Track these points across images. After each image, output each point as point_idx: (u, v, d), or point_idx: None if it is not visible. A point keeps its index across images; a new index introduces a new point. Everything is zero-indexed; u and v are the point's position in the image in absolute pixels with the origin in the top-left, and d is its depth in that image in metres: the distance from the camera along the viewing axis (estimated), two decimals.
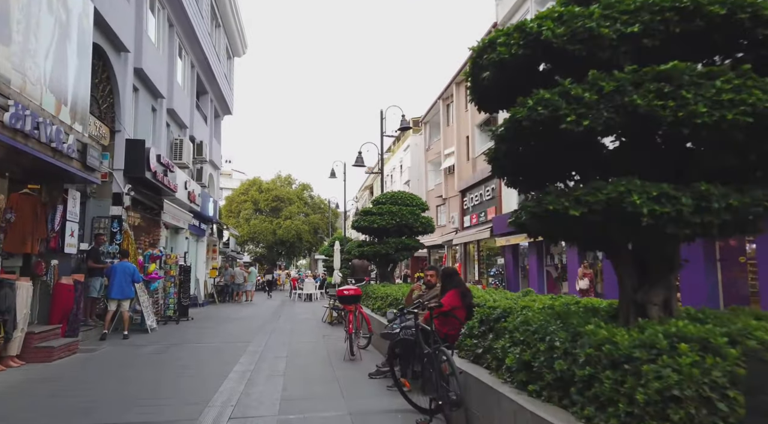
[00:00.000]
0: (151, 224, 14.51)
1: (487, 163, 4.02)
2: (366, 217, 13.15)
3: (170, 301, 13.47)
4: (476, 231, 23.58)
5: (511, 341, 3.57)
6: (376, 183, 59.33)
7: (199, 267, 21.53)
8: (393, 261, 13.43)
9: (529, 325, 3.42)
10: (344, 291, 7.95)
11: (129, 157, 12.05)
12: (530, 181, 3.87)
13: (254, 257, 48.85)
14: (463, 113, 28.07)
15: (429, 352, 4.29)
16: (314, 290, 25.11)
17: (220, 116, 25.42)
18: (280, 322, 13.89)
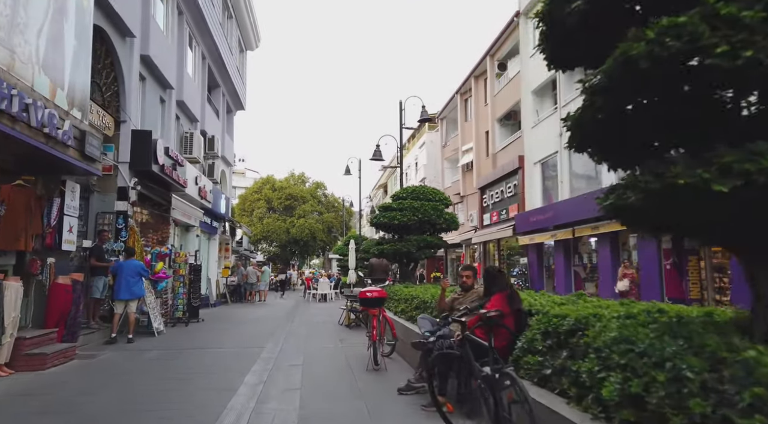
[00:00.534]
0: (160, 220, 13.82)
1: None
2: (386, 212, 12.32)
3: (179, 302, 12.77)
4: (497, 229, 22.65)
5: (602, 363, 2.71)
6: (390, 181, 58.56)
7: (210, 266, 20.88)
8: (415, 260, 12.60)
9: (631, 343, 2.56)
10: (367, 293, 7.13)
11: (135, 150, 11.36)
12: (628, 152, 2.97)
13: (268, 256, 48.31)
14: (482, 108, 27.13)
15: (488, 375, 3.44)
16: (329, 290, 24.36)
17: (233, 111, 24.77)
18: (294, 324, 13.12)
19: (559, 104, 18.26)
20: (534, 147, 20.35)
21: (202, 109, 18.01)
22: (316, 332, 11.60)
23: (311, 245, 43.52)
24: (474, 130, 27.83)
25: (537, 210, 19.13)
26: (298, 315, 16.07)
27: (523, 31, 21.36)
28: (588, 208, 15.19)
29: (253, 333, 11.38)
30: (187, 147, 15.79)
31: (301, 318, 15.02)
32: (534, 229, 18.92)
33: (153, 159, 11.52)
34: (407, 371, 6.81)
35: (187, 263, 13.32)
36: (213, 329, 12.04)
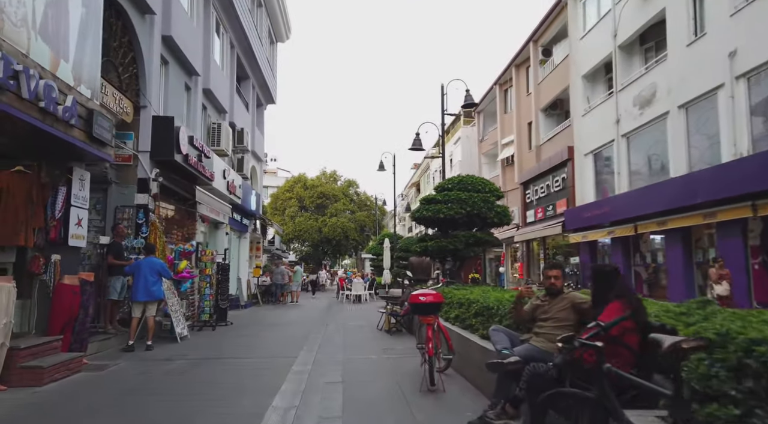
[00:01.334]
0: (185, 216, 12.90)
1: None
2: (429, 206, 11.05)
3: (205, 304, 11.79)
4: (543, 227, 21.07)
5: None
6: (423, 179, 57.16)
7: (241, 266, 20.01)
8: (462, 258, 11.28)
9: None
10: (419, 297, 5.86)
11: (156, 138, 10.42)
12: None
13: (300, 255, 47.62)
14: (524, 97, 25.54)
15: None
16: (363, 291, 23.19)
17: (263, 105, 23.91)
18: (329, 329, 11.98)
19: (616, 88, 16.64)
20: (585, 137, 18.73)
21: (230, 100, 17.11)
22: (353, 338, 10.42)
23: (343, 244, 42.53)
24: (515, 122, 26.27)
25: (590, 205, 17.53)
26: (332, 318, 14.95)
27: (572, 12, 19.75)
28: (653, 202, 13.59)
29: (284, 339, 10.28)
30: (214, 139, 14.86)
31: (336, 322, 13.89)
32: (587, 225, 17.33)
33: (176, 148, 10.55)
34: (470, 392, 5.53)
35: (214, 262, 12.35)
36: (241, 335, 11.00)
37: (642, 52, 16.41)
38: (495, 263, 30.98)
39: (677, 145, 13.61)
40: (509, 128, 27.48)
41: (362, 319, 14.55)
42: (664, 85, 14.15)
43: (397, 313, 11.15)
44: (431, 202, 11.19)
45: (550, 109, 23.09)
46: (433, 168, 48.68)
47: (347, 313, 16.99)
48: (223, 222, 16.45)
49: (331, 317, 15.19)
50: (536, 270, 24.55)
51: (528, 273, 24.69)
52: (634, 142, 15.95)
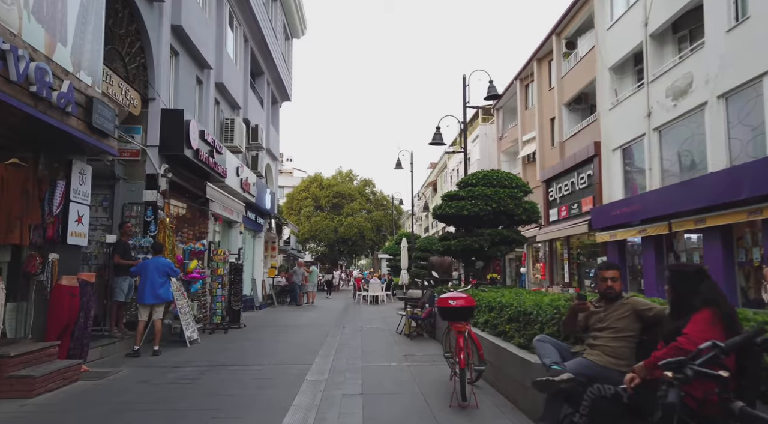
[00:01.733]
0: (197, 214, 12.42)
1: None
2: (452, 202, 10.39)
3: (217, 305, 11.28)
4: (567, 225, 20.24)
5: None
6: (440, 179, 56.41)
7: (256, 266, 19.56)
8: (487, 258, 10.61)
9: None
10: (449, 301, 5.21)
11: (165, 131, 9.93)
12: None
13: (316, 256, 47.21)
14: (547, 92, 24.72)
15: None
16: (380, 291, 22.57)
17: (278, 102, 23.44)
18: (346, 332, 11.40)
19: (647, 79, 15.79)
20: (613, 131, 17.89)
21: (244, 96, 16.64)
22: (372, 342, 9.81)
23: (360, 244, 41.99)
24: (536, 117, 25.45)
25: (619, 202, 16.69)
26: (349, 320, 14.37)
27: (599, 2, 18.90)
28: (690, 198, 12.76)
29: (299, 343, 9.72)
30: (227, 135, 14.38)
31: (353, 324, 13.30)
32: (615, 224, 16.49)
33: (186, 142, 10.06)
34: (507, 409, 4.89)
35: (226, 262, 11.84)
36: (253, 338, 10.46)
37: (675, 41, 15.55)
38: (515, 263, 30.13)
39: (716, 137, 12.76)
40: (530, 124, 26.67)
41: (380, 321, 13.94)
42: (701, 75, 13.29)
43: (417, 316, 10.53)
44: (454, 199, 10.53)
45: (574, 103, 22.25)
46: (450, 167, 47.92)
47: (364, 315, 16.40)
48: (237, 221, 15.98)
49: (348, 319, 14.62)
50: (560, 270, 23.70)
51: (551, 274, 23.86)
52: (666, 135, 15.09)
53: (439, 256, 13.16)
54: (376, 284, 22.80)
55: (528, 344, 5.06)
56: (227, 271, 12.11)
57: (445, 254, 10.99)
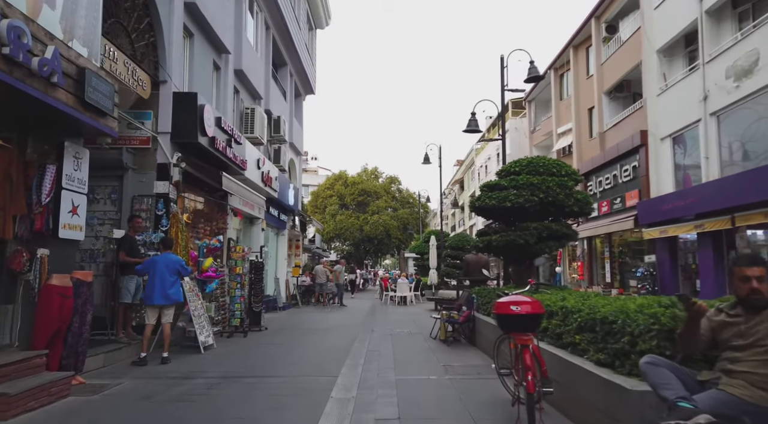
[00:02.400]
0: (214, 209, 11.61)
1: None
2: (493, 193, 9.29)
3: (236, 307, 10.42)
4: (610, 221, 18.85)
5: None
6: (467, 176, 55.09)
7: (279, 265, 18.76)
8: (533, 256, 9.48)
9: None
10: (510, 306, 4.13)
11: (177, 117, 9.11)
12: None
13: (341, 255, 46.46)
14: (584, 81, 23.31)
15: None
16: (409, 291, 21.51)
17: (302, 95, 22.61)
18: (375, 337, 10.42)
19: (702, 60, 14.37)
20: (662, 118, 16.48)
21: (266, 85, 15.81)
22: (405, 350, 8.79)
23: (385, 243, 41.01)
24: (573, 108, 24.06)
25: (670, 195, 15.31)
26: (377, 323, 13.39)
27: None
28: (759, 189, 11.38)
29: (324, 349, 8.77)
30: (247, 125, 13.56)
31: (382, 327, 12.31)
32: (666, 219, 15.12)
33: (200, 129, 9.21)
34: None
35: (245, 260, 10.98)
36: (274, 343, 9.56)
37: (734, 17, 14.09)
38: (549, 262, 28.67)
39: None
40: (566, 116, 25.28)
41: (411, 324, 12.92)
42: None
43: (454, 320, 9.47)
44: (494, 189, 9.42)
45: (615, 91, 20.81)
46: (478, 163, 46.60)
47: (393, 316, 15.40)
48: (259, 217, 15.17)
49: (376, 322, 13.63)
50: (599, 270, 22.29)
51: (590, 273, 22.46)
52: (726, 120, 13.67)
53: (474, 253, 12.09)
54: (404, 284, 21.76)
55: (611, 362, 3.98)
56: (247, 269, 11.26)
57: (485, 251, 9.90)
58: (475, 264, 11.81)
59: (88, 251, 8.65)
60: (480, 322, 8.88)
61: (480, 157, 45.97)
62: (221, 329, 10.22)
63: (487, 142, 43.30)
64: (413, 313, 16.76)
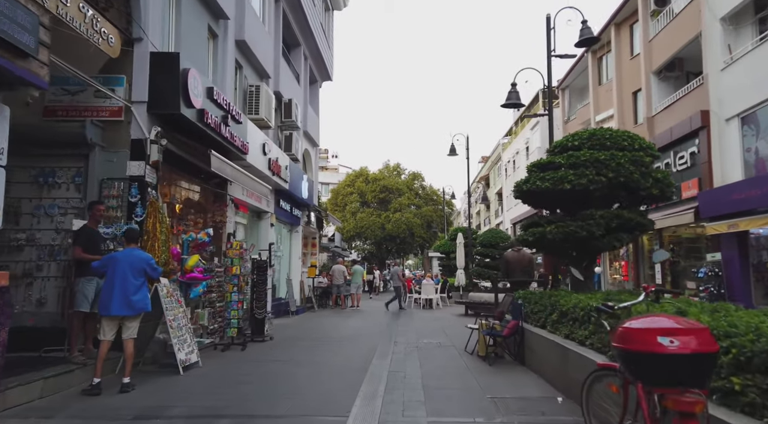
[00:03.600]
0: (210, 198, 9.97)
1: None
2: (547, 173, 7.41)
3: (232, 314, 8.74)
4: (662, 215, 16.64)
5: None
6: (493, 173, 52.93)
7: (293, 264, 17.11)
8: (597, 251, 7.59)
9: None
10: (658, 338, 2.20)
11: (156, 83, 7.46)
12: None
13: (363, 255, 44.76)
14: (628, 62, 21.13)
15: None
16: (435, 294, 19.62)
17: (317, 82, 20.94)
18: (399, 350, 8.63)
19: None
20: (727, 96, 14.30)
21: (275, 64, 14.15)
22: (436, 370, 6.98)
23: (408, 241, 39.11)
24: (615, 92, 21.88)
25: (741, 184, 13.16)
26: (401, 331, 11.60)
27: None
28: None
29: (335, 370, 7.02)
30: (251, 105, 11.91)
31: (407, 337, 10.51)
32: (736, 211, 12.96)
33: (183, 98, 7.54)
34: None
35: (245, 258, 9.29)
36: (276, 359, 7.85)
37: None
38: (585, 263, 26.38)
39: None
40: (606, 101, 23.10)
41: (440, 333, 11.08)
42: None
43: (496, 332, 7.61)
44: (547, 168, 7.54)
45: (666, 70, 18.60)
46: (505, 158, 44.44)
47: (419, 322, 13.58)
48: (267, 211, 13.52)
49: (400, 330, 11.83)
50: (647, 270, 20.08)
51: (635, 274, 20.27)
52: None
53: (515, 250, 10.20)
54: (430, 286, 19.87)
55: None
56: (247, 269, 9.58)
57: (535, 247, 8.01)
58: (516, 263, 9.93)
59: (46, 248, 7.08)
60: (531, 336, 7.02)
61: (507, 153, 43.83)
62: (214, 341, 8.57)
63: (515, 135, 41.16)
64: (441, 318, 14.91)
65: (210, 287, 8.66)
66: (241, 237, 12.13)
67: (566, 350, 5.42)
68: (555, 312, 6.49)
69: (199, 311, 8.44)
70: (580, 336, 5.40)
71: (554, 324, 6.43)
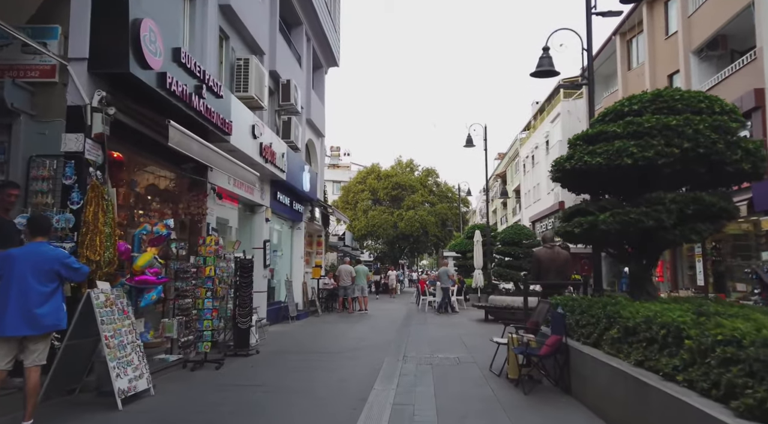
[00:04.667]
0: (185, 186, 8.43)
1: None
2: (598, 146, 5.71)
3: (205, 325, 7.17)
4: None
5: None
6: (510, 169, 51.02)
7: (294, 265, 15.58)
8: (666, 246, 5.87)
9: None
10: None
11: (99, 36, 5.92)
12: None
13: (375, 254, 43.17)
14: (662, 42, 19.26)
15: None
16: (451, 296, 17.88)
17: (323, 67, 19.38)
18: (407, 371, 7.00)
19: None
20: None
21: (270, 39, 12.59)
22: (456, 403, 5.34)
23: (422, 240, 37.37)
24: (647, 76, 20.02)
25: None
26: (412, 341, 9.96)
27: None
28: None
29: (324, 401, 5.42)
30: (239, 81, 10.37)
31: (419, 348, 8.89)
32: None
33: (135, 55, 5.97)
34: None
35: (222, 257, 7.71)
36: (253, 384, 6.26)
37: None
38: (609, 260, 24.23)
39: None
40: (637, 87, 21.06)
41: (458, 344, 9.43)
42: None
43: (533, 350, 5.95)
44: (597, 140, 5.85)
45: (707, 49, 16.70)
46: (523, 154, 42.57)
47: (433, 330, 11.92)
48: (262, 204, 11.99)
49: (411, 339, 10.20)
50: (686, 270, 18.20)
51: (673, 274, 18.39)
52: None
53: (549, 247, 8.49)
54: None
55: None
56: (231, 270, 8.02)
57: (586, 239, 6.28)
58: (549, 262, 8.22)
59: None
60: (580, 358, 5.34)
61: (525, 148, 42.01)
62: (188, 356, 7.03)
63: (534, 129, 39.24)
64: (458, 324, 13.25)
65: (183, 292, 7.14)
66: (233, 234, 10.61)
67: (645, 387, 3.76)
68: (614, 327, 4.82)
69: (167, 320, 6.92)
70: (666, 367, 3.73)
71: (614, 344, 4.76)
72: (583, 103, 28.90)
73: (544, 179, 35.57)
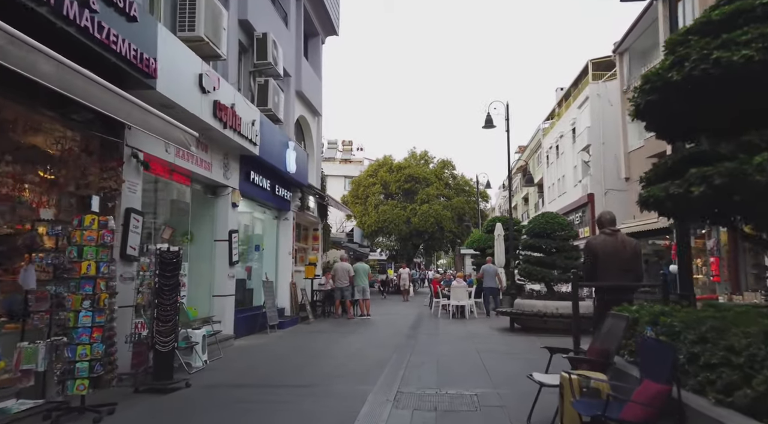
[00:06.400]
0: (83, 145, 5.90)
1: None
2: (735, 34, 2.97)
3: (78, 353, 4.60)
4: None
5: None
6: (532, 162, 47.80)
7: (280, 262, 13.05)
8: None
9: None
10: None
11: None
12: None
13: (388, 253, 40.56)
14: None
15: None
16: (468, 299, 15.15)
17: (319, 35, 16.80)
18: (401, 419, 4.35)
19: None
20: None
21: None
22: None
23: (437, 237, 34.57)
24: None
25: None
26: (414, 364, 7.29)
27: None
28: None
29: None
30: (184, 15, 7.83)
31: (423, 377, 6.25)
32: None
33: None
34: None
35: (105, 246, 5.10)
36: None
37: None
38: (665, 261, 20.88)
39: None
40: None
41: (478, 370, 6.73)
42: None
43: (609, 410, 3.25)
44: (731, 26, 3.16)
45: None
46: (546, 145, 39.58)
47: (445, 345, 9.25)
48: (226, 185, 9.44)
49: (414, 360, 7.53)
50: (749, 269, 15.21)
51: (734, 274, 15.39)
52: None
53: (609, 232, 5.76)
54: (461, 289, 15.35)
55: None
56: (153, 268, 5.46)
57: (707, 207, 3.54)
58: (611, 255, 5.53)
59: None
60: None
61: (548, 138, 39.05)
62: (57, 399, 4.50)
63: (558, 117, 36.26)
64: (476, 335, 10.57)
65: (63, 299, 4.62)
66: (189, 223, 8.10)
67: None
68: None
69: (25, 345, 4.40)
70: None
71: None
72: (615, 84, 26.01)
73: (570, 170, 32.57)
